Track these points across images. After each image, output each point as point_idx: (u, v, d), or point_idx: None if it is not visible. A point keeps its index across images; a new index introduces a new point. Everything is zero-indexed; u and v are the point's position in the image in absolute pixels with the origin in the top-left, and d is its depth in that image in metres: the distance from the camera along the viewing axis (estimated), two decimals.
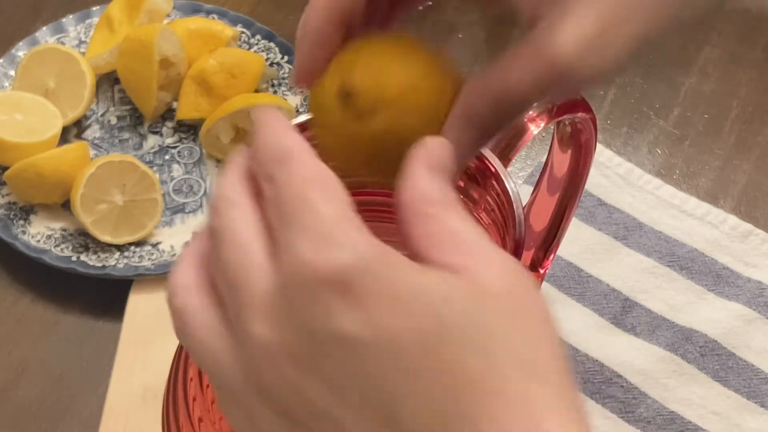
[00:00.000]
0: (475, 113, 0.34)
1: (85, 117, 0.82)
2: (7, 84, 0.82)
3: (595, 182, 0.79)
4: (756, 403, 0.69)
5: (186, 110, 0.80)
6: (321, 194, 0.30)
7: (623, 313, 0.72)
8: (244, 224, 0.32)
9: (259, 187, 0.33)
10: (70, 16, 0.85)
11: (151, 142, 0.81)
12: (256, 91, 0.82)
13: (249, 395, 0.31)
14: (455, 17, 0.76)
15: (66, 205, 0.76)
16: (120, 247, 0.74)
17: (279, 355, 0.29)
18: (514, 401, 0.28)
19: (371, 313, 0.28)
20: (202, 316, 0.32)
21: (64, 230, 0.75)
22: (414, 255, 0.31)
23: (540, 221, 0.52)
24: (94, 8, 0.86)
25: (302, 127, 0.48)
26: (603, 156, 0.80)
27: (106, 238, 0.74)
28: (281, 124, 0.33)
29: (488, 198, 0.49)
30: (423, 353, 0.28)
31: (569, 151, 0.50)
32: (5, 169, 0.76)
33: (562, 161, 0.50)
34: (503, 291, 0.29)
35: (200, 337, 0.32)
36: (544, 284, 0.60)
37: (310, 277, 0.29)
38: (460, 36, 0.80)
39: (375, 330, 0.28)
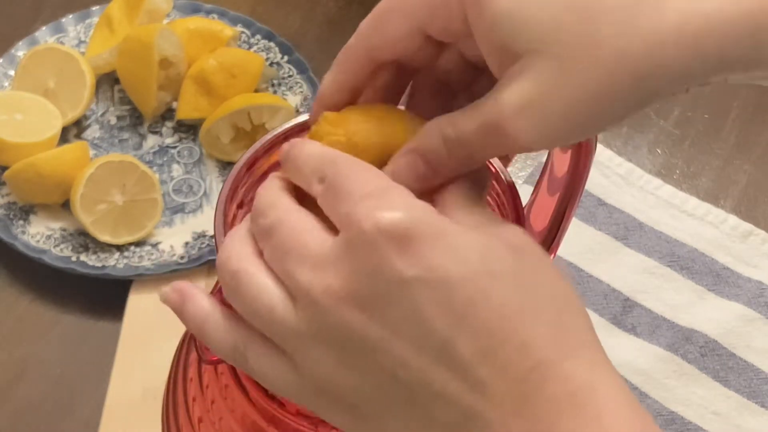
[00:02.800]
0: (426, 149, 0.38)
1: (85, 117, 0.82)
2: (6, 84, 0.82)
3: (596, 182, 0.79)
4: (756, 403, 0.69)
5: (186, 110, 0.80)
6: (371, 172, 0.37)
7: (623, 313, 0.72)
8: (293, 208, 0.37)
9: (300, 197, 0.38)
10: (70, 16, 0.85)
11: (151, 142, 0.81)
12: (256, 90, 0.81)
13: (302, 338, 0.35)
14: None
15: (66, 205, 0.76)
16: (120, 247, 0.74)
17: (340, 299, 0.34)
18: (549, 328, 0.34)
19: (426, 258, 0.33)
20: (258, 276, 0.37)
21: (64, 230, 0.75)
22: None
23: (540, 221, 0.52)
24: (94, 8, 0.86)
25: (302, 127, 0.48)
26: (603, 156, 0.80)
27: (106, 238, 0.74)
28: (313, 142, 0.39)
29: (488, 198, 0.49)
30: (473, 292, 0.33)
31: (569, 151, 0.49)
32: (5, 169, 0.76)
33: (563, 161, 0.50)
34: (523, 244, 0.35)
35: (256, 293, 0.36)
36: None
37: (372, 231, 0.34)
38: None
39: (430, 272, 0.33)
